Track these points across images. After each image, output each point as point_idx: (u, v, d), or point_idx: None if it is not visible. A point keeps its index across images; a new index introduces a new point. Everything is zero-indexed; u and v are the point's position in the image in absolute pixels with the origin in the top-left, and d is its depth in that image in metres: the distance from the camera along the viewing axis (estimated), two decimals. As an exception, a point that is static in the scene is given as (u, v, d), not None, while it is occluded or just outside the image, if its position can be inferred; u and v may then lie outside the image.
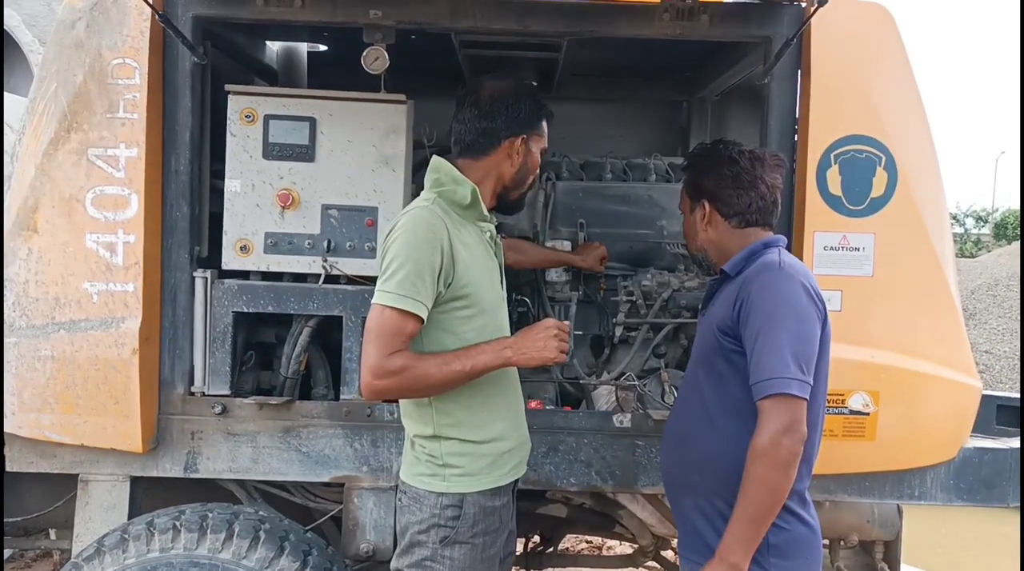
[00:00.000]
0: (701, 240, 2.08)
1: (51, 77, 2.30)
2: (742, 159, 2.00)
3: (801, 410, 1.77)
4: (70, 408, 2.29)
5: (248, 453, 2.39)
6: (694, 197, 2.08)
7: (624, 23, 2.34)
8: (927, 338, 2.35)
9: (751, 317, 1.83)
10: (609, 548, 4.32)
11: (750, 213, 2.00)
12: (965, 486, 2.45)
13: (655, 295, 2.76)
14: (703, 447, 1.93)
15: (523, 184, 2.06)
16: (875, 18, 2.35)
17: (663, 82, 3.43)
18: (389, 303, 1.81)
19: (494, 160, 1.99)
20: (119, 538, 2.21)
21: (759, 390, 1.78)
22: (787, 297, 1.84)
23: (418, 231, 1.85)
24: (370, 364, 1.80)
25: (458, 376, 1.85)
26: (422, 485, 1.94)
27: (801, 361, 1.78)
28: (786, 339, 1.79)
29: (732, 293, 1.92)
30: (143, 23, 2.27)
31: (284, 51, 3.20)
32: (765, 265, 1.91)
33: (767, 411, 1.77)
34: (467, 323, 1.92)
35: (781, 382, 1.76)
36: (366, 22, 2.28)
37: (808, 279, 1.90)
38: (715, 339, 1.93)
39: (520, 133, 1.98)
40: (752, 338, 1.82)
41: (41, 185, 2.28)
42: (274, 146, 2.37)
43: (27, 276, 2.29)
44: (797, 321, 1.82)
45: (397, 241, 1.85)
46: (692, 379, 2.06)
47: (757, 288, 1.86)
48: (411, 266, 1.81)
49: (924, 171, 2.37)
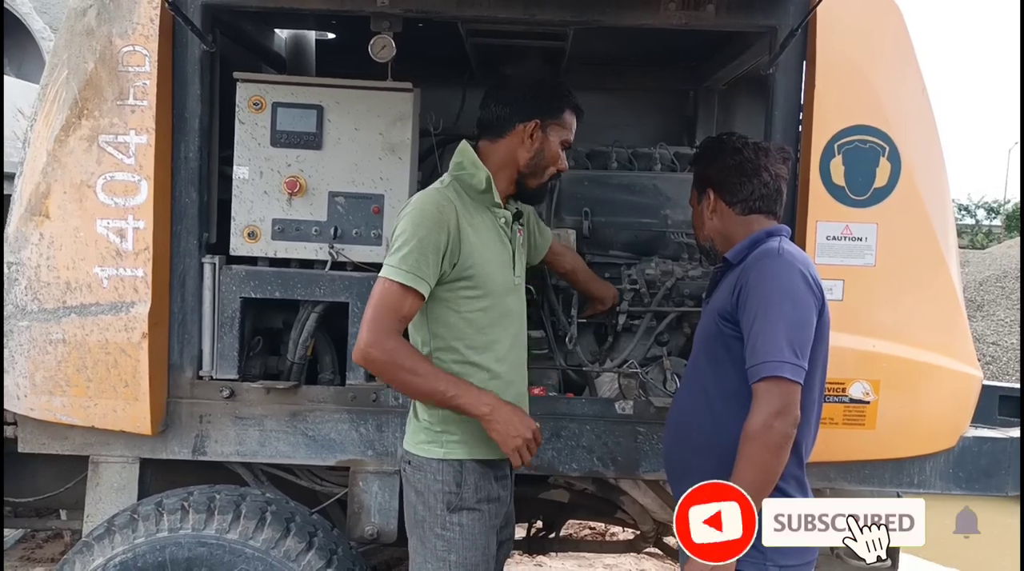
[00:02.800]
0: (708, 229, 2.12)
1: (62, 64, 2.33)
2: (746, 149, 2.05)
3: (794, 393, 1.80)
4: (81, 391, 2.33)
5: (255, 436, 2.43)
6: (700, 187, 2.13)
7: (630, 12, 2.35)
8: (928, 328, 2.36)
9: (748, 302, 1.87)
10: (612, 534, 4.35)
11: (753, 200, 2.04)
12: (964, 475, 2.47)
13: (659, 284, 2.77)
14: (704, 431, 1.97)
15: (540, 172, 2.09)
16: (880, 8, 2.35)
17: (669, 71, 3.43)
18: (392, 276, 1.89)
19: (509, 144, 2.05)
20: (129, 518, 2.26)
21: (753, 373, 1.82)
22: (784, 283, 1.87)
23: (425, 211, 1.93)
24: (367, 333, 1.89)
25: (437, 394, 1.92)
26: (423, 452, 2.01)
27: (796, 346, 1.81)
28: (781, 324, 1.82)
29: (733, 280, 1.96)
30: (153, 11, 2.29)
31: (292, 39, 3.22)
32: (765, 252, 1.95)
33: (760, 394, 1.81)
34: (472, 303, 1.98)
35: (774, 365, 1.79)
36: (373, 10, 2.30)
37: (807, 267, 1.92)
38: (716, 325, 1.97)
39: (533, 117, 2.03)
40: (749, 323, 1.86)
41: (53, 171, 2.31)
42: (282, 133, 2.40)
43: (39, 261, 2.32)
44: (793, 307, 1.85)
45: (405, 219, 1.93)
46: (694, 366, 2.09)
47: (756, 274, 1.89)
48: (416, 243, 1.89)
49: (928, 162, 2.38)
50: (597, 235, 2.86)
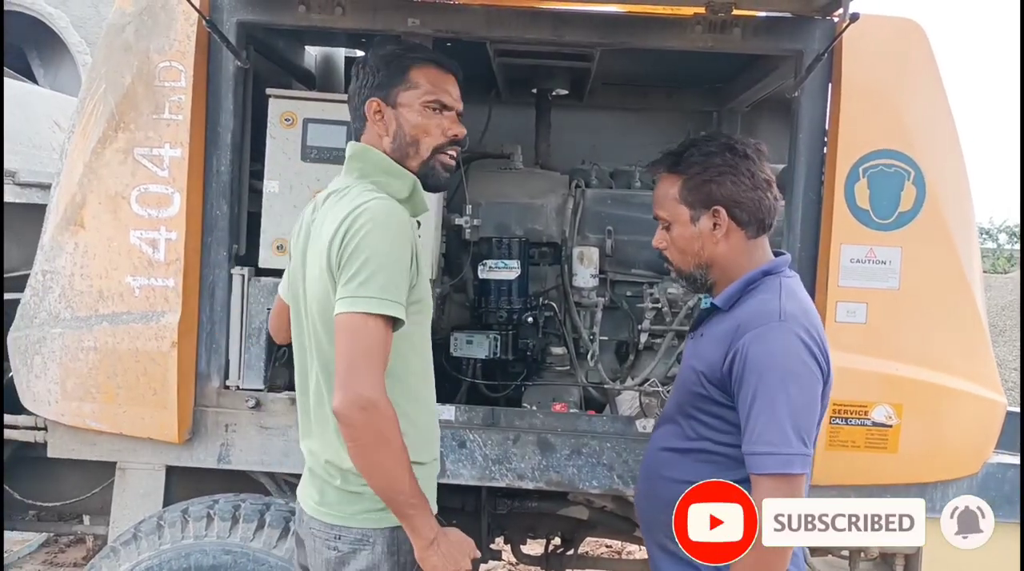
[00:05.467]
0: (709, 256, 1.80)
1: (100, 78, 2.39)
2: (747, 152, 1.77)
3: (801, 486, 1.63)
4: (111, 398, 2.37)
5: (279, 446, 2.45)
6: (698, 205, 1.78)
7: (657, 35, 2.37)
8: (952, 352, 2.35)
9: (745, 377, 1.65)
10: (629, 553, 4.34)
11: (765, 217, 1.78)
12: (988, 501, 2.43)
13: (681, 303, 2.78)
14: (673, 489, 1.69)
15: (413, 151, 1.73)
16: (907, 34, 2.37)
17: (693, 92, 3.46)
18: (376, 310, 1.53)
19: (370, 134, 1.75)
20: (155, 525, 2.29)
21: (756, 463, 1.63)
22: (788, 361, 1.64)
23: (391, 226, 1.60)
24: (366, 378, 1.52)
25: (398, 491, 1.56)
26: (370, 524, 1.65)
27: (803, 432, 1.62)
28: (786, 409, 1.62)
29: (723, 336, 1.73)
30: (190, 28, 2.35)
31: (322, 56, 3.27)
32: (762, 314, 1.70)
33: (765, 489, 1.60)
34: (418, 327, 1.71)
35: (782, 460, 1.60)
36: (404, 30, 2.35)
37: (810, 327, 1.69)
38: (700, 385, 1.76)
39: (372, 96, 1.72)
40: (747, 401, 1.65)
41: (89, 182, 2.37)
42: (312, 149, 2.44)
43: (73, 269, 2.37)
44: (799, 387, 1.64)
45: (371, 236, 1.57)
46: (671, 415, 1.89)
47: (752, 344, 1.66)
48: (393, 266, 1.57)
49: (953, 186, 2.38)
50: (620, 253, 2.89)
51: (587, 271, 2.82)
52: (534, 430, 2.46)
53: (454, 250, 2.82)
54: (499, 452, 2.44)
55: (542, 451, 2.44)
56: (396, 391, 1.60)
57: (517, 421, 2.47)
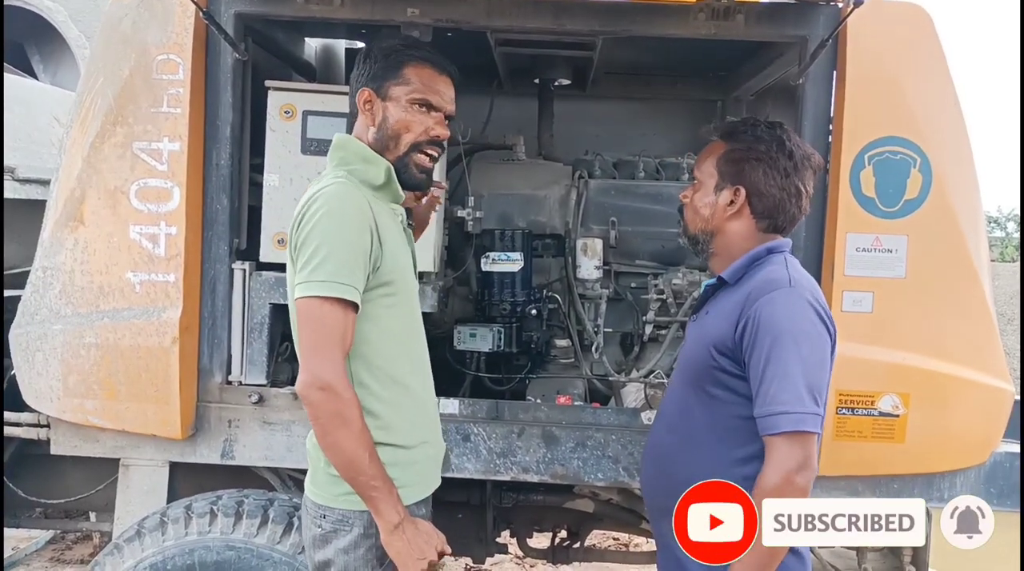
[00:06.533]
0: (715, 226, 1.88)
1: (98, 72, 2.37)
2: (796, 156, 1.84)
3: (814, 445, 1.66)
4: (113, 394, 2.36)
5: (283, 441, 2.44)
6: (727, 177, 1.86)
7: (659, 22, 2.35)
8: (960, 341, 2.33)
9: (758, 340, 1.69)
10: (635, 545, 4.34)
11: (784, 222, 1.86)
12: (995, 491, 2.43)
13: (685, 294, 2.77)
14: (690, 469, 1.77)
15: (393, 145, 1.79)
16: (912, 19, 2.34)
17: (697, 81, 3.43)
18: (329, 293, 1.60)
19: (359, 124, 1.82)
20: (158, 521, 2.29)
21: (769, 424, 1.66)
22: (799, 321, 1.70)
23: (344, 211, 1.65)
24: (323, 361, 1.60)
25: (360, 471, 1.61)
26: (348, 506, 1.70)
27: (814, 392, 1.66)
28: (798, 368, 1.66)
29: (733, 308, 1.77)
30: (187, 20, 2.33)
31: (322, 48, 3.25)
32: (772, 281, 1.76)
33: (779, 448, 1.64)
34: (389, 310, 1.74)
35: (796, 418, 1.64)
36: (404, 20, 2.33)
37: (816, 295, 1.77)
38: (710, 358, 1.79)
39: (365, 87, 1.79)
40: (759, 364, 1.68)
41: (88, 177, 2.35)
42: (312, 141, 2.42)
43: (73, 265, 2.36)
44: (810, 347, 1.69)
45: (320, 223, 1.63)
46: (679, 395, 1.92)
47: (764, 308, 1.71)
48: (344, 249, 1.62)
49: (959, 174, 2.35)
50: (624, 244, 2.87)
51: (591, 263, 2.81)
52: (539, 423, 2.44)
53: (457, 243, 2.81)
54: (504, 445, 2.43)
55: (547, 444, 2.43)
56: (364, 374, 1.70)
57: (521, 414, 2.46)
